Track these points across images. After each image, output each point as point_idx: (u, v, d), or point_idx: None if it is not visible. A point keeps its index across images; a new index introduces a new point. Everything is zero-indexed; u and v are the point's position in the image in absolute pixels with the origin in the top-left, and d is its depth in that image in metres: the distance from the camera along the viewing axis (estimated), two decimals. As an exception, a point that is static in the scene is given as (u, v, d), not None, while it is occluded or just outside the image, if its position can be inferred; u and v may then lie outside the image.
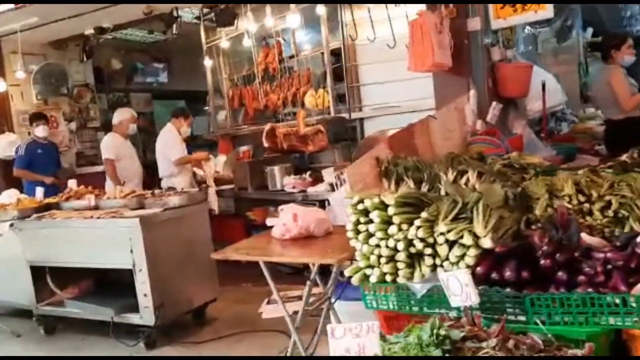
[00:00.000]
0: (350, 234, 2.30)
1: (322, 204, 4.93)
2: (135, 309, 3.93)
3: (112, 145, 6.07)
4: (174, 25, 6.66)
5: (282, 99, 6.21)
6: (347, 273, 2.30)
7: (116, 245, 3.89)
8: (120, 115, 6.29)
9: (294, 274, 5.47)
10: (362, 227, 2.27)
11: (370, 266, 2.23)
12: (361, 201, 2.30)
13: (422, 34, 3.87)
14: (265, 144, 5.81)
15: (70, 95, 8.17)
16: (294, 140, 5.69)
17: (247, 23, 6.37)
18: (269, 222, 3.13)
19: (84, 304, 4.23)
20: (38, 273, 4.46)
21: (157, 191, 4.73)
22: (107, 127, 8.81)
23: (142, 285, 3.82)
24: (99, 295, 4.40)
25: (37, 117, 6.69)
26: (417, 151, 3.35)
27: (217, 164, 6.68)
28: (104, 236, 3.97)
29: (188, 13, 6.91)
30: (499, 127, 4.43)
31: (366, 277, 2.24)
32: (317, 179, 5.33)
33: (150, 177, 6.58)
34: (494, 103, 4.35)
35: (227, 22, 6.03)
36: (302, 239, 2.86)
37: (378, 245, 2.19)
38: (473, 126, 4.14)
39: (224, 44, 6.60)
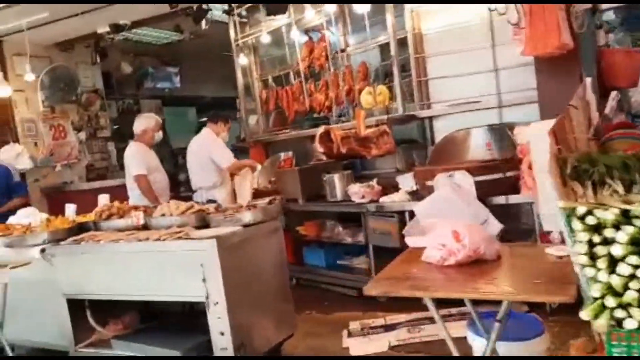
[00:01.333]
0: (583, 259, 1.66)
1: (401, 216, 4.28)
2: (206, 349, 3.19)
3: (141, 158, 5.28)
4: (202, 22, 5.97)
5: (332, 98, 5.54)
6: (585, 315, 1.65)
7: (183, 273, 3.15)
8: (145, 123, 5.50)
9: (359, 297, 4.80)
10: (600, 250, 1.64)
11: (623, 305, 1.59)
12: (589, 213, 1.68)
13: (545, 9, 3.24)
14: (319, 149, 5.14)
15: (79, 102, 7.39)
16: (353, 143, 5.02)
17: (285, 17, 5.77)
18: (411, 242, 2.44)
19: (137, 344, 3.47)
20: (75, 308, 3.69)
21: (212, 206, 3.99)
22: (119, 137, 8.07)
23: (218, 321, 3.09)
24: (152, 333, 3.64)
25: None
26: (570, 147, 2.73)
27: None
28: (167, 262, 3.23)
29: (217, 9, 6.22)
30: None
31: (615, 321, 1.61)
32: (385, 187, 4.67)
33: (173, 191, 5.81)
34: (614, 93, 3.75)
35: (279, 10, 5.34)
36: (469, 265, 2.18)
37: (635, 276, 1.57)
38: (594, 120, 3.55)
39: (264, 38, 5.92)
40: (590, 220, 1.69)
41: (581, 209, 1.73)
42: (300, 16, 5.60)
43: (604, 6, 3.89)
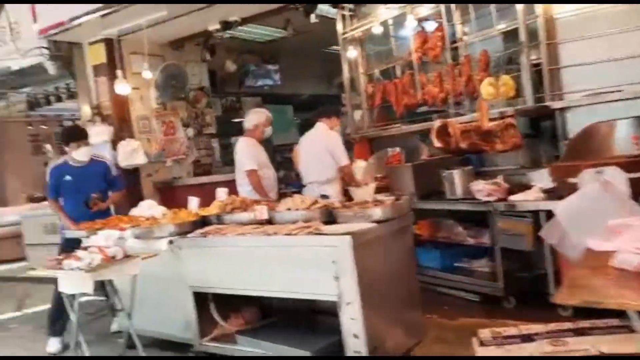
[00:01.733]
0: None
1: (535, 216, 3.92)
2: (336, 350, 3.06)
3: (252, 153, 5.29)
4: (312, 15, 5.89)
5: (447, 90, 5.25)
6: None
7: (313, 270, 3.04)
8: (256, 118, 5.50)
9: (481, 302, 4.49)
10: None
11: None
12: None
13: None
14: (436, 144, 4.87)
15: (187, 99, 7.60)
16: (474, 137, 4.70)
17: (395, 9, 5.56)
18: (595, 245, 2.15)
19: (264, 342, 3.40)
20: (200, 301, 3.70)
21: (334, 201, 3.86)
22: (222, 134, 8.24)
23: (352, 322, 2.94)
24: (275, 330, 3.57)
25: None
26: None
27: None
28: (296, 258, 3.13)
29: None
30: None
31: None
32: (511, 185, 4.32)
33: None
34: None
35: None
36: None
37: None
38: None
39: (375, 29, 5.74)
40: None
41: None
42: (413, 6, 5.37)
43: None
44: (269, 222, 3.62)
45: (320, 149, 5.10)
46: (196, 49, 7.51)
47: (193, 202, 4.25)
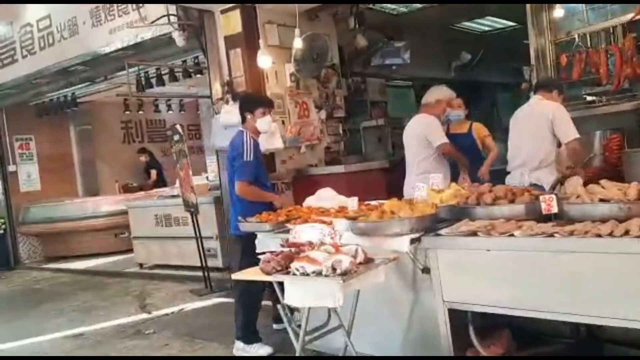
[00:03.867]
0: None
1: None
2: None
3: (438, 127, 4.45)
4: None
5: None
6: None
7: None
8: (440, 93, 4.71)
9: None
10: None
11: None
12: None
13: None
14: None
15: (319, 78, 6.70)
16: None
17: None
18: None
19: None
20: (455, 321, 2.75)
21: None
22: (347, 118, 7.32)
23: None
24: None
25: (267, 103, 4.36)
26: None
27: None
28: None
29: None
30: None
31: None
32: None
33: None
34: None
35: None
36: None
37: None
38: None
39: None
40: None
41: None
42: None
43: None
44: (557, 217, 2.63)
45: (540, 123, 4.06)
46: (331, 20, 6.62)
47: (353, 201, 3.36)
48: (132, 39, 6.41)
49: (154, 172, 10.99)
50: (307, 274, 2.47)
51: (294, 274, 2.51)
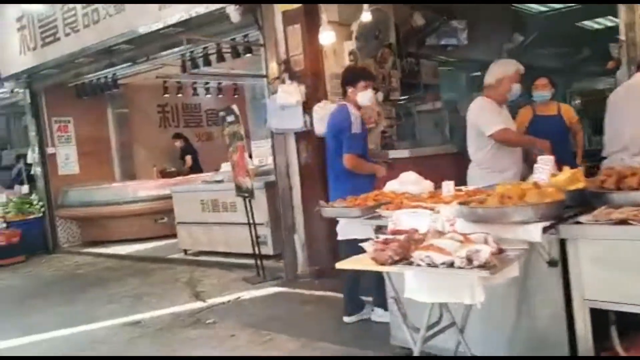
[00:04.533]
0: None
1: None
2: None
3: (495, 112, 4.02)
4: None
5: None
6: None
7: None
8: (502, 70, 4.07)
9: None
10: None
11: None
12: None
13: None
14: None
15: (375, 57, 6.37)
16: None
17: None
18: None
19: None
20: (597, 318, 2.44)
21: None
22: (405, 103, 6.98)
23: None
24: None
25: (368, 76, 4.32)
26: None
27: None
28: None
29: None
30: None
31: None
32: None
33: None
34: None
35: None
36: None
37: None
38: None
39: None
40: None
41: None
42: None
43: None
44: None
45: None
46: (389, -5, 6.28)
47: (448, 185, 3.04)
48: (183, 15, 6.12)
49: (189, 158, 10.79)
50: (435, 265, 2.17)
51: (419, 265, 2.21)
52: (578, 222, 2.40)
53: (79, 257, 8.69)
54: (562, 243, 2.49)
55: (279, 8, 5.66)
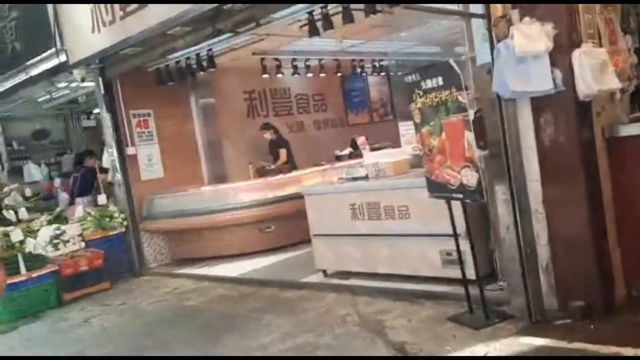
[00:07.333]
0: None
1: None
2: None
3: None
4: None
5: None
6: None
7: None
8: None
9: None
10: None
11: None
12: None
13: None
14: None
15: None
16: None
17: None
18: None
19: None
20: None
21: None
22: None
23: None
24: None
25: None
26: None
27: None
28: None
29: None
30: None
31: None
32: None
33: None
34: None
35: None
36: None
37: None
38: None
39: None
40: None
41: None
42: None
43: None
44: None
45: None
46: None
47: None
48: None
49: (283, 152, 9.02)
50: None
51: None
52: None
53: (175, 280, 6.98)
54: None
55: None
